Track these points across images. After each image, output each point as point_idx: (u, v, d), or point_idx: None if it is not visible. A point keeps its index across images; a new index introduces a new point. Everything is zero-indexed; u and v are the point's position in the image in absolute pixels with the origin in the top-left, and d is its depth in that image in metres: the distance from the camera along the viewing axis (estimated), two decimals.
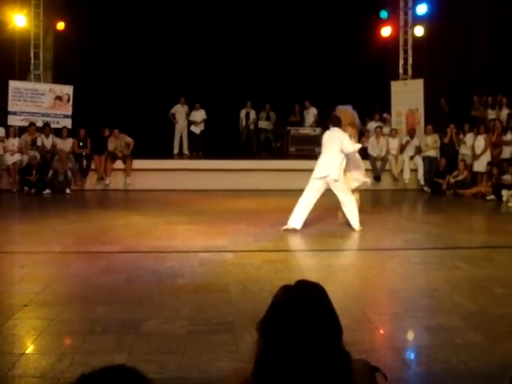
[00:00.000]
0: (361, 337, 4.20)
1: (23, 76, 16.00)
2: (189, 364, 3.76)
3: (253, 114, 17.88)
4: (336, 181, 8.65)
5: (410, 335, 4.65)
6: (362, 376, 1.73)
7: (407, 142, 15.41)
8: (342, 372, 1.56)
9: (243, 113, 17.78)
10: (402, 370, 3.80)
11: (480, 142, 14.25)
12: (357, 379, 1.62)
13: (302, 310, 1.59)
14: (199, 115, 17.17)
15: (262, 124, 18.13)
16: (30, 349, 4.04)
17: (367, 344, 4.16)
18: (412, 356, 4.19)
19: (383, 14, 17.14)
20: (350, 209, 8.85)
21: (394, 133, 15.67)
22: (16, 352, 4.02)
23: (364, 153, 15.53)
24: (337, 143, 8.68)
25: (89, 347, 4.00)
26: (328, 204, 9.30)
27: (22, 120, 15.32)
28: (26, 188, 13.75)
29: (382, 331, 4.58)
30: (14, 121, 15.25)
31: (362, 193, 9.94)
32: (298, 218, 8.67)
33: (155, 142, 15.77)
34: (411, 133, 15.53)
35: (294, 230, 8.58)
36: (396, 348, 4.17)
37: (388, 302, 5.40)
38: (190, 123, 17.19)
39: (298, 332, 1.55)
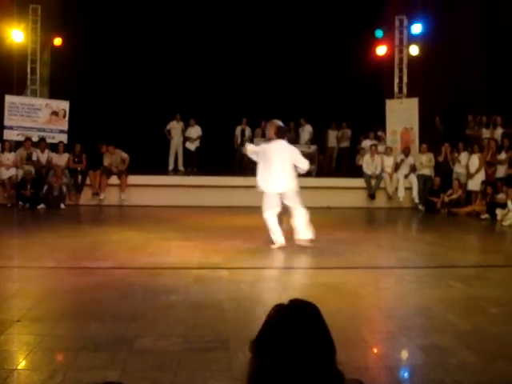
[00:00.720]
0: (354, 355, 4.18)
1: (21, 91, 16.04)
2: (182, 382, 3.73)
3: (248, 131, 17.93)
4: (292, 191, 8.63)
5: (404, 354, 4.63)
6: None
7: (402, 161, 15.47)
8: None
9: (239, 130, 17.84)
10: None
11: (474, 160, 14.32)
12: None
13: (295, 329, 1.59)
14: (195, 131, 17.19)
15: (258, 141, 18.16)
16: (21, 364, 4.01)
17: (361, 362, 4.14)
18: (405, 375, 4.18)
19: (378, 33, 17.29)
20: (299, 220, 8.74)
21: (388, 151, 15.73)
22: (7, 368, 3.98)
23: (359, 171, 15.64)
24: (288, 156, 8.64)
25: (81, 364, 3.98)
26: (325, 222, 9.30)
27: (18, 134, 15.33)
28: (20, 202, 13.72)
29: (375, 350, 4.56)
30: (9, 135, 15.26)
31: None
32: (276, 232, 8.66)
33: (150, 158, 15.78)
34: (406, 151, 15.60)
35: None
36: (389, 367, 4.16)
37: (382, 321, 5.39)
38: (185, 139, 17.21)
39: (292, 351, 1.55)
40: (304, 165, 8.79)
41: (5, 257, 7.94)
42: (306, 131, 17.70)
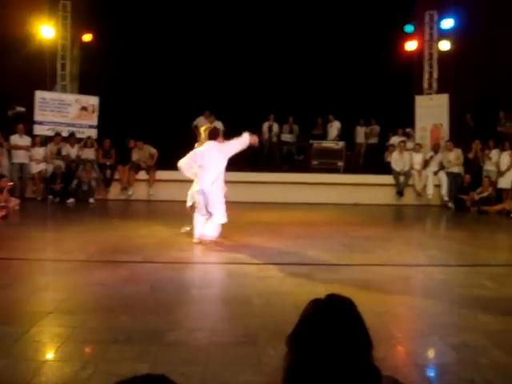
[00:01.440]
0: (384, 353, 4.15)
1: (51, 86, 16.25)
2: (212, 376, 3.75)
3: (275, 127, 17.93)
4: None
5: (434, 353, 4.58)
6: None
7: (431, 157, 15.30)
8: None
9: (266, 126, 17.82)
10: None
11: (505, 158, 14.11)
12: None
13: (331, 323, 1.59)
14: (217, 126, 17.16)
15: (285, 137, 18.17)
16: (53, 356, 4.07)
17: (390, 361, 4.11)
18: (436, 374, 4.14)
19: (409, 28, 17.13)
20: (215, 220, 8.60)
21: (417, 148, 15.58)
22: (40, 359, 4.05)
23: (387, 167, 15.52)
24: (222, 157, 8.65)
25: (112, 356, 4.02)
26: (353, 219, 9.26)
27: (48, 130, 15.54)
28: (50, 197, 13.92)
29: (405, 348, 4.53)
30: (40, 130, 15.48)
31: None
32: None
33: (178, 154, 15.81)
34: (435, 148, 15.44)
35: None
36: (420, 365, 4.13)
37: (412, 319, 5.34)
38: None
39: (328, 346, 1.55)
40: (242, 140, 8.77)
41: (36, 250, 8.05)
42: (334, 127, 17.63)
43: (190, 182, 9.09)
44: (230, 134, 17.03)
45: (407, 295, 6.19)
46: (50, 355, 4.09)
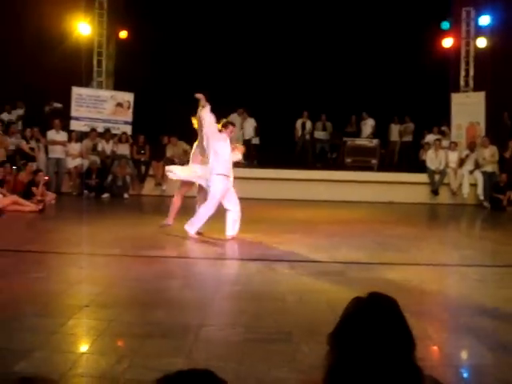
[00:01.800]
0: (420, 353, 4.07)
1: (88, 83, 16.47)
2: (246, 372, 3.75)
3: (309, 124, 17.87)
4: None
5: (471, 354, 4.51)
6: None
7: (467, 156, 15.08)
8: None
9: (299, 123, 17.78)
10: None
11: None
12: None
13: (374, 322, 1.58)
14: (249, 124, 17.20)
15: (318, 134, 18.11)
16: (89, 349, 4.11)
17: (426, 361, 4.04)
18: (472, 375, 4.08)
19: (445, 25, 16.91)
20: (204, 212, 8.65)
21: (453, 146, 15.37)
22: (76, 351, 4.11)
23: (422, 165, 15.35)
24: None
25: (148, 350, 4.05)
26: (387, 217, 9.20)
27: (84, 125, 15.76)
28: (85, 191, 14.13)
29: (441, 348, 4.47)
30: (76, 126, 15.71)
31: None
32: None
33: None
34: (471, 146, 15.21)
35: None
36: (456, 366, 4.08)
37: (448, 319, 5.28)
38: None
39: (371, 345, 1.54)
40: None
41: (72, 243, 8.18)
42: (368, 125, 17.50)
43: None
44: (263, 131, 17.18)
45: (442, 295, 6.12)
46: (86, 348, 4.14)
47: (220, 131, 8.76)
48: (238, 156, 9.27)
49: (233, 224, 8.76)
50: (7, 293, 5.41)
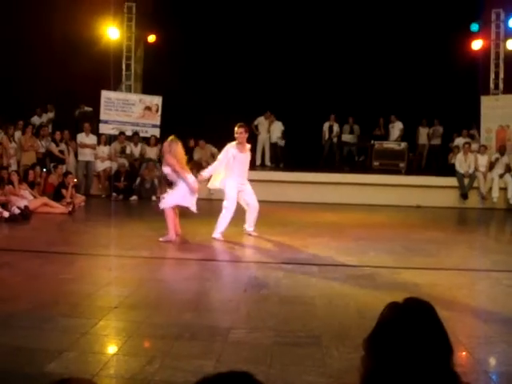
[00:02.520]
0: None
1: (116, 86, 16.64)
2: (276, 376, 3.75)
3: (336, 127, 17.80)
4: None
5: (503, 360, 4.45)
6: None
7: (497, 159, 14.86)
8: None
9: (326, 126, 17.72)
10: None
11: None
12: None
13: (411, 328, 1.56)
14: (277, 127, 17.20)
15: (346, 137, 18.03)
16: (120, 350, 4.15)
17: (458, 367, 3.99)
18: (503, 381, 4.02)
19: (474, 27, 16.70)
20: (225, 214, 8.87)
21: (482, 149, 15.16)
22: (107, 352, 4.15)
23: (450, 169, 15.17)
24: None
25: (178, 351, 4.08)
26: (415, 221, 9.09)
27: (113, 128, 15.91)
28: (114, 194, 14.25)
29: (472, 354, 4.41)
30: (105, 129, 15.87)
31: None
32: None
33: None
34: (501, 150, 14.98)
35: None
36: (488, 372, 4.03)
37: (479, 325, 5.21)
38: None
39: (407, 351, 1.52)
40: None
41: (102, 246, 8.26)
42: (397, 128, 17.35)
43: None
44: (290, 134, 17.14)
45: (473, 301, 6.04)
46: (116, 349, 4.18)
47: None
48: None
49: (253, 220, 9.05)
50: (38, 294, 5.49)
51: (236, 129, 9.15)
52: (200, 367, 3.73)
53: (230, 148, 9.11)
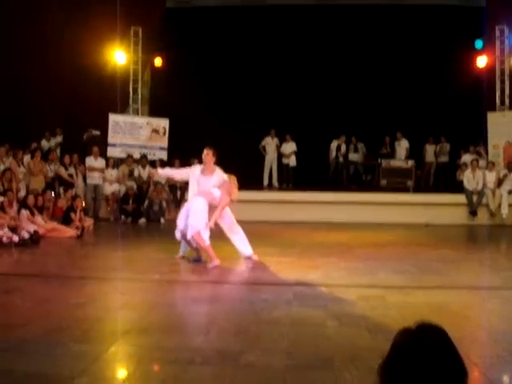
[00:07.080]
0: None
1: (124, 110, 16.78)
2: None
3: (344, 147, 17.83)
4: None
5: None
6: None
7: (505, 176, 14.83)
8: None
9: (335, 144, 17.73)
10: None
11: None
12: None
13: (425, 354, 1.56)
14: (289, 147, 17.27)
15: (352, 156, 18.05)
16: (132, 376, 4.13)
17: None
18: None
19: (478, 44, 16.81)
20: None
21: (490, 166, 15.15)
22: (119, 378, 4.14)
23: (458, 186, 15.15)
24: None
25: (190, 377, 4.06)
26: (424, 239, 9.06)
27: (121, 152, 16.01)
28: (123, 217, 14.30)
29: (486, 374, 4.37)
30: (113, 152, 15.97)
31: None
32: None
33: (245, 174, 15.95)
34: (509, 166, 14.96)
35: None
36: None
37: (491, 344, 5.17)
38: (280, 156, 17.32)
39: (423, 377, 1.52)
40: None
41: (111, 269, 8.27)
42: (403, 146, 17.37)
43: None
44: (300, 153, 17.14)
45: (484, 319, 6.00)
46: (128, 375, 4.16)
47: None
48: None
49: (244, 244, 8.97)
50: (48, 319, 5.49)
51: (204, 150, 9.18)
52: None
53: (197, 167, 9.11)
